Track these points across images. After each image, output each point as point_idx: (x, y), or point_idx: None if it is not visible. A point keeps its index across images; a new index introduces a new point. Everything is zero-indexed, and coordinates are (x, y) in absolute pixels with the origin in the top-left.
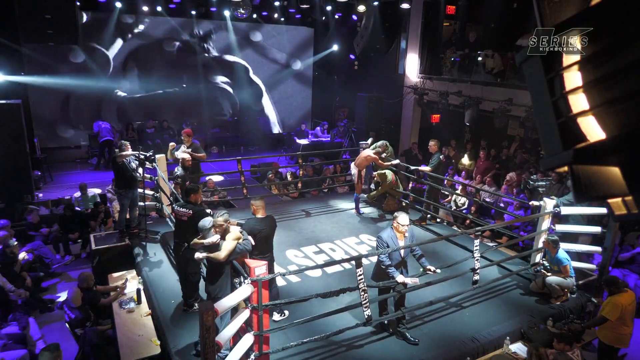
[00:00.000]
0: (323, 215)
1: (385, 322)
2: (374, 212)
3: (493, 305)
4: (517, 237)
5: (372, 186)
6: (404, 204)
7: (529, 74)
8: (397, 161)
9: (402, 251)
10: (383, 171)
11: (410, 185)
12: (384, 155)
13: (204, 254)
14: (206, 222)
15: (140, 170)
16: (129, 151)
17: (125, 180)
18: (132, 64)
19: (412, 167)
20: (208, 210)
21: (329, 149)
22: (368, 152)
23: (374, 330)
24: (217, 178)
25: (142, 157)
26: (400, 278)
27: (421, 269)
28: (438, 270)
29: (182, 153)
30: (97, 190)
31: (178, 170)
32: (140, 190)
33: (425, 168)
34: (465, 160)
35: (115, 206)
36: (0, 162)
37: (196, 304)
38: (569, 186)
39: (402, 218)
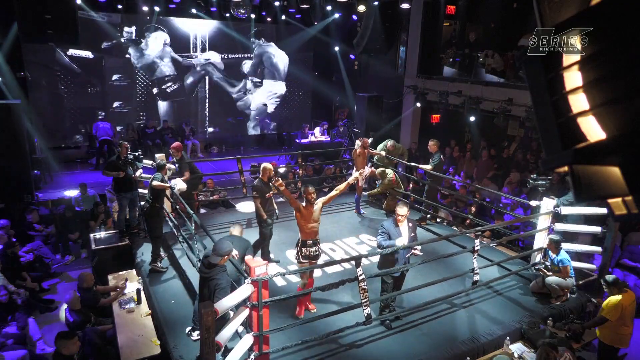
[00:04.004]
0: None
1: (387, 321)
2: (374, 212)
3: (493, 305)
4: (517, 236)
5: (377, 184)
6: None
7: (529, 74)
8: (382, 153)
9: (403, 238)
10: (383, 169)
11: (411, 185)
12: (383, 153)
13: None
14: None
15: (139, 172)
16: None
17: (125, 181)
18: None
19: (413, 164)
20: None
21: (329, 149)
22: (357, 149)
23: (374, 330)
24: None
25: (130, 157)
26: (400, 242)
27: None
28: (420, 253)
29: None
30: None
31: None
32: (139, 190)
33: (427, 166)
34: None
35: (115, 206)
36: (0, 162)
37: (159, 262)
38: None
39: (400, 209)
